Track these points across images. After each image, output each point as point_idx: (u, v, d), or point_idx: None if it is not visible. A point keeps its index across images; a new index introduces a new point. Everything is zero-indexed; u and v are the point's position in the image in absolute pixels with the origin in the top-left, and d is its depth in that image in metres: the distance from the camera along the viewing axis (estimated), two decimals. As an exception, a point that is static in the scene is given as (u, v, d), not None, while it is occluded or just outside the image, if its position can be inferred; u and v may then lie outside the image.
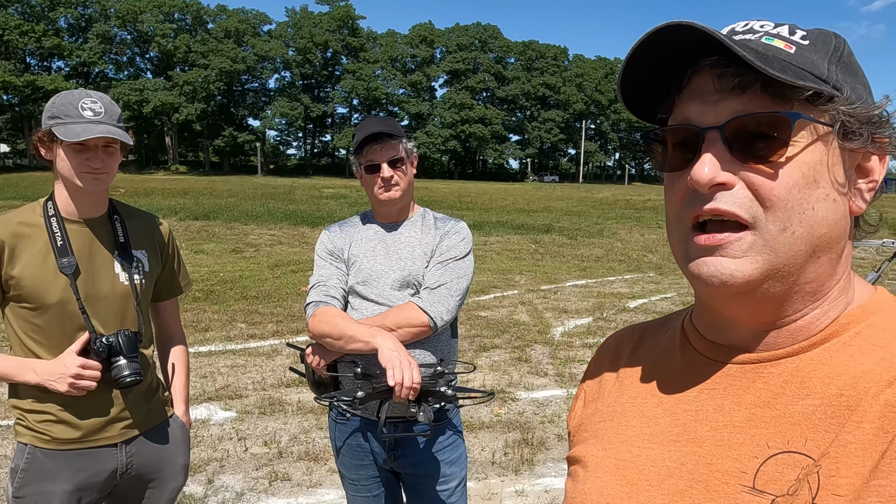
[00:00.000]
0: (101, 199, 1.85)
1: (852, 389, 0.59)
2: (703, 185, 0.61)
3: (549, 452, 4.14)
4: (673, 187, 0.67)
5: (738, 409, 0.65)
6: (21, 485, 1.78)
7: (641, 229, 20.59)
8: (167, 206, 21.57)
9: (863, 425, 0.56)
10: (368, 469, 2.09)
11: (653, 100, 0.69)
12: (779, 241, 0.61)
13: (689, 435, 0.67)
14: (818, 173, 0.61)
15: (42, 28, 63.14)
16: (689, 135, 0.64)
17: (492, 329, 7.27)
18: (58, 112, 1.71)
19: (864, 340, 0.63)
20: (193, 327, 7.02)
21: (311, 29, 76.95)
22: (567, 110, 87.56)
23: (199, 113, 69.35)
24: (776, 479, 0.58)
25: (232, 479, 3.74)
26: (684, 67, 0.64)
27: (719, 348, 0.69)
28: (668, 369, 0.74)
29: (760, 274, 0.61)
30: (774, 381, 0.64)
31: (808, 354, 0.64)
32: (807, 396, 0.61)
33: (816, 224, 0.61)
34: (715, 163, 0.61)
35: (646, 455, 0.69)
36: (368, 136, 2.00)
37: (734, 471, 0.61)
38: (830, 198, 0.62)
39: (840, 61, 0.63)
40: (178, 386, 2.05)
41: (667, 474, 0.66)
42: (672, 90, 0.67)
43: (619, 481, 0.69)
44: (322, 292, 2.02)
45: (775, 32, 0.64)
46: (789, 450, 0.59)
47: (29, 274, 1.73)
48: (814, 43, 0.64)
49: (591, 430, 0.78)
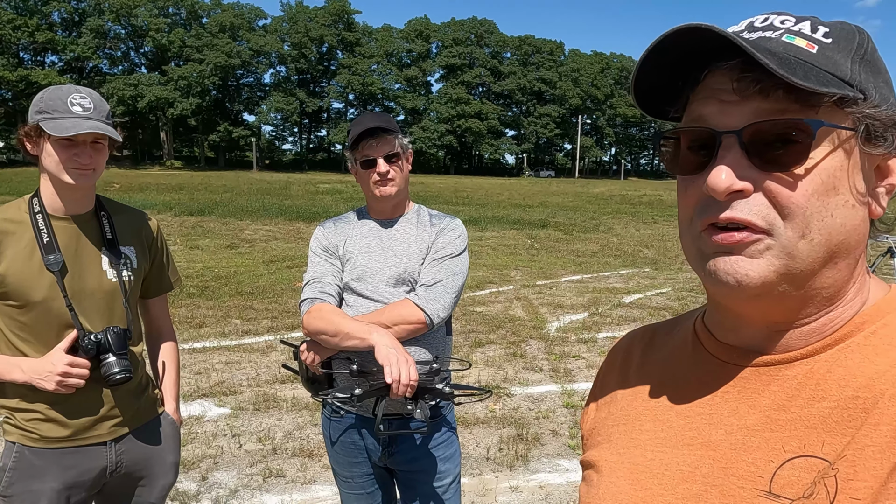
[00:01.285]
0: (88, 196, 1.82)
1: (868, 391, 0.57)
2: (720, 194, 0.59)
3: (543, 448, 4.13)
4: (686, 190, 0.65)
5: (752, 413, 0.63)
6: (9, 483, 1.77)
7: (637, 224, 20.63)
8: (162, 202, 21.49)
9: (879, 427, 0.55)
10: (362, 466, 2.08)
11: (664, 97, 0.66)
12: (797, 248, 0.59)
13: (703, 439, 0.66)
14: (838, 179, 0.59)
15: (35, 22, 62.84)
16: (705, 137, 0.61)
17: (487, 324, 7.26)
18: (46, 107, 1.68)
19: (880, 340, 0.61)
20: (188, 323, 6.99)
21: (307, 23, 76.75)
22: (563, 105, 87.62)
23: (194, 108, 69.20)
24: (793, 483, 0.57)
25: (226, 475, 3.72)
26: (700, 65, 0.62)
27: (732, 350, 0.68)
28: (680, 372, 0.73)
29: (777, 276, 0.60)
30: (789, 383, 0.63)
31: (822, 356, 0.63)
32: (822, 399, 0.60)
33: (835, 231, 0.60)
34: (731, 170, 0.59)
35: (660, 459, 0.68)
36: (364, 132, 1.98)
37: (750, 475, 0.60)
38: (849, 204, 0.60)
39: (864, 59, 0.61)
40: (168, 383, 2.03)
41: (681, 479, 0.65)
42: (686, 87, 0.64)
43: (633, 486, 0.68)
44: (317, 289, 2.00)
45: (797, 30, 0.61)
46: (805, 454, 0.58)
47: (14, 271, 1.71)
48: (837, 41, 0.61)
49: (604, 434, 0.78)
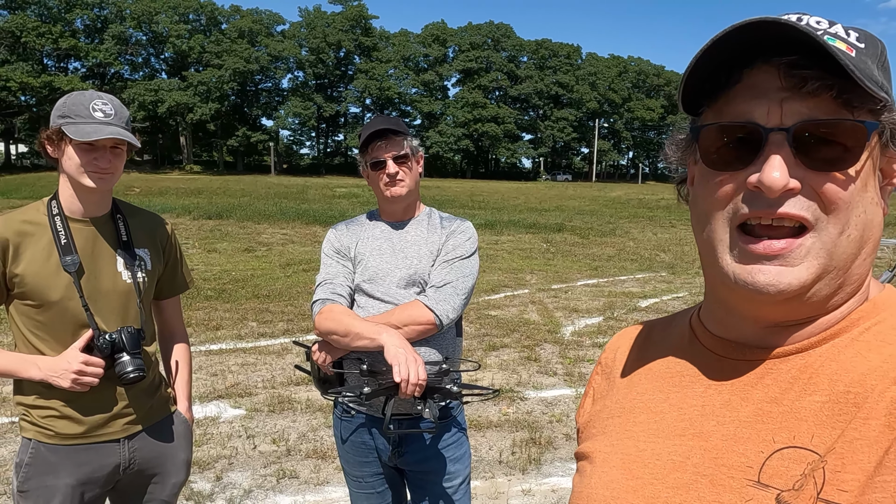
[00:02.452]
0: (105, 198, 1.87)
1: (859, 386, 0.59)
2: (775, 191, 0.59)
3: (556, 452, 4.12)
4: (719, 184, 0.64)
5: (745, 405, 0.64)
6: (25, 479, 1.80)
7: (654, 228, 20.48)
8: (181, 206, 21.75)
9: (869, 422, 0.56)
10: (372, 466, 2.09)
11: (702, 90, 0.66)
12: (836, 244, 0.61)
13: (695, 429, 0.67)
14: (868, 178, 0.63)
15: (59, 29, 63.81)
16: (750, 133, 0.62)
17: (501, 328, 7.25)
18: (69, 111, 1.73)
19: (873, 337, 0.63)
20: (205, 325, 7.07)
21: (324, 29, 77.23)
22: (580, 109, 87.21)
23: (213, 113, 69.81)
24: (781, 473, 0.58)
25: (240, 476, 3.75)
26: (744, 60, 0.62)
27: (728, 344, 0.69)
28: (675, 366, 0.74)
29: (815, 279, 0.61)
30: (783, 376, 0.64)
31: (816, 350, 0.64)
32: (814, 392, 0.61)
33: (867, 226, 0.63)
34: (784, 167, 0.59)
35: (651, 449, 0.69)
36: (373, 133, 2.00)
37: (740, 465, 0.61)
38: (875, 201, 0.64)
39: (883, 66, 0.63)
40: (180, 382, 2.07)
41: (672, 468, 0.66)
42: (725, 83, 0.64)
43: (625, 475, 0.69)
44: (328, 290, 2.03)
45: (833, 32, 0.62)
46: (795, 445, 0.59)
47: (32, 272, 1.75)
48: (867, 47, 0.62)
49: (599, 426, 0.78)
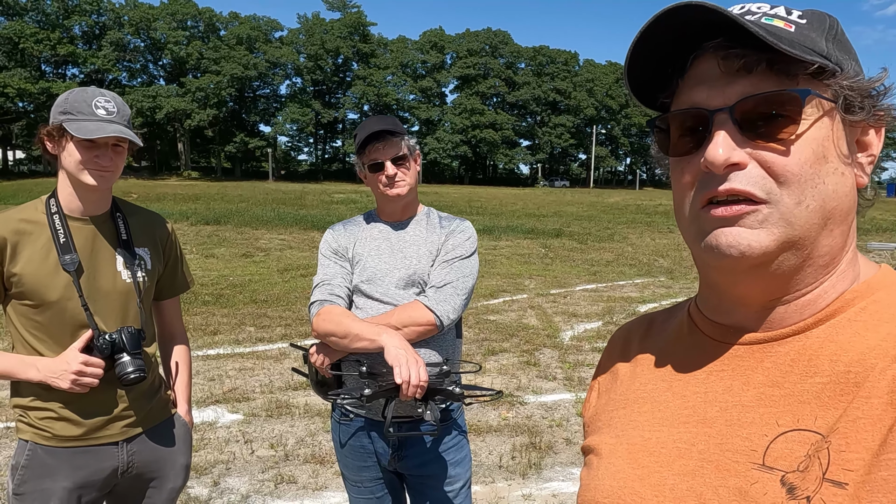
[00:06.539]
0: (105, 197, 1.85)
1: (859, 366, 0.59)
2: (719, 166, 0.61)
3: (557, 456, 4.10)
4: (682, 171, 0.67)
5: (746, 389, 0.65)
6: (21, 481, 1.78)
7: (652, 233, 20.49)
8: (179, 211, 21.70)
9: (871, 400, 0.56)
10: (371, 470, 2.07)
11: (656, 85, 0.70)
12: (794, 215, 0.62)
13: (698, 416, 0.67)
14: (826, 149, 0.63)
15: (57, 36, 63.83)
16: (698, 119, 0.64)
17: (500, 333, 7.23)
18: (70, 108, 1.72)
19: (870, 316, 0.63)
20: (202, 330, 7.04)
21: (323, 35, 77.34)
22: (578, 115, 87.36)
23: (211, 119, 69.81)
24: (786, 455, 0.59)
25: (238, 481, 3.72)
26: (686, 52, 0.65)
27: (726, 330, 0.70)
28: (676, 354, 0.75)
29: (777, 245, 0.62)
30: (782, 359, 0.64)
31: (814, 332, 0.64)
32: (815, 374, 0.61)
33: (828, 197, 0.63)
34: (729, 143, 0.62)
35: (656, 438, 0.69)
36: (370, 135, 1.99)
37: (744, 449, 0.61)
38: (839, 172, 0.64)
39: (836, 39, 0.65)
40: (180, 385, 2.04)
41: (677, 455, 0.66)
42: (675, 75, 0.68)
43: (631, 465, 0.70)
44: (326, 291, 2.01)
45: (773, 13, 0.65)
46: (799, 427, 0.59)
47: (30, 271, 1.73)
48: (810, 22, 0.65)
49: (604, 419, 0.79)
